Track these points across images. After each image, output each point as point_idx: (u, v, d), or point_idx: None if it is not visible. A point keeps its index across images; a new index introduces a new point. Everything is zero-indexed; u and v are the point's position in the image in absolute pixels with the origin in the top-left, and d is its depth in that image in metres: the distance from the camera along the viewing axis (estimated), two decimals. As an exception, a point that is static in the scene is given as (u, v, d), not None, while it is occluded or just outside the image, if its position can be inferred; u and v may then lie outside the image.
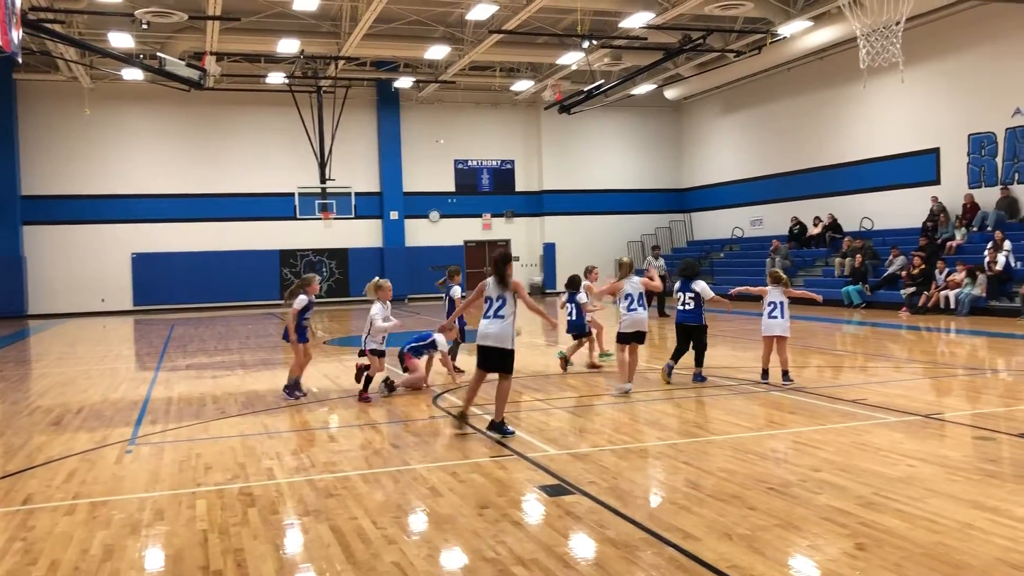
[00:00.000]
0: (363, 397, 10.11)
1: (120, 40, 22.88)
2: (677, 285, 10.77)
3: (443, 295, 12.27)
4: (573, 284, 12.35)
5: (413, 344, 10.90)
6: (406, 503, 5.97)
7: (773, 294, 10.55)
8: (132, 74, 26.43)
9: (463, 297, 11.44)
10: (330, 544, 5.13)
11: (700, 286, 10.58)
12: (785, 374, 10.39)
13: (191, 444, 8.14)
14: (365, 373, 10.24)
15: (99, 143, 30.47)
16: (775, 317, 10.44)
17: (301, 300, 10.32)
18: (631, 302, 10.16)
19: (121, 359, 16.23)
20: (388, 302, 10.42)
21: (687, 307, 10.63)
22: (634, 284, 10.31)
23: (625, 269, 10.52)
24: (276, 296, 32.17)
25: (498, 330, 7.80)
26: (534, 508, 5.81)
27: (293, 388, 10.52)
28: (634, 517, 5.44)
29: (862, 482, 6.04)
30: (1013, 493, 5.67)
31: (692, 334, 10.71)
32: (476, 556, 4.85)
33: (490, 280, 8.01)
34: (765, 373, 10.59)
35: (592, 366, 12.30)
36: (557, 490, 6.12)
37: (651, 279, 11.19)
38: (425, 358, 11.07)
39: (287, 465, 7.14)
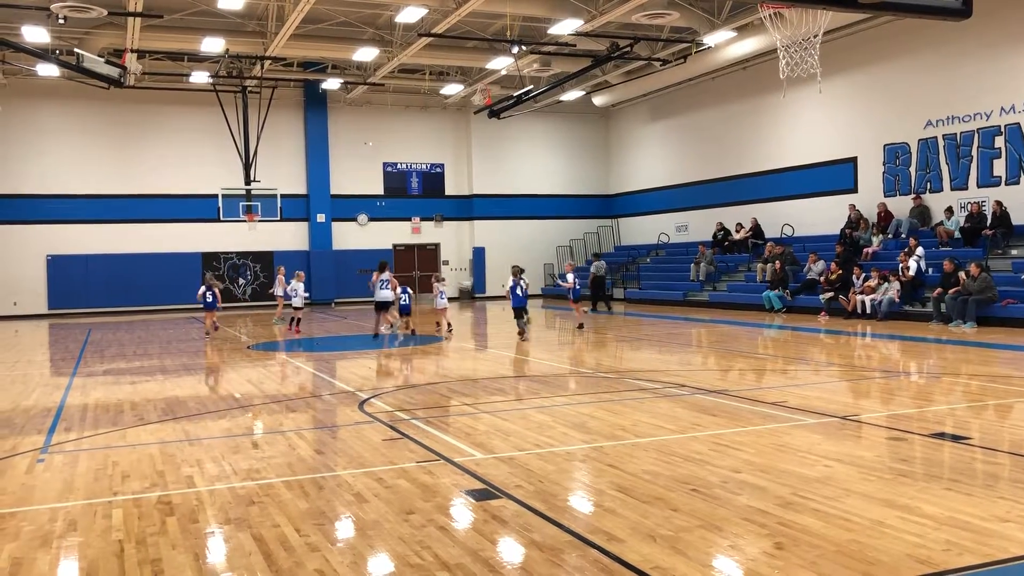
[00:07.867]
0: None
1: (34, 35, 22.08)
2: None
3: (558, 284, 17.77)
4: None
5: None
6: (330, 510, 5.90)
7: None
8: (47, 70, 25.62)
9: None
10: (251, 552, 5.03)
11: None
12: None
13: (107, 452, 7.90)
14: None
15: (12, 141, 29.36)
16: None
17: None
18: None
19: (34, 364, 15.68)
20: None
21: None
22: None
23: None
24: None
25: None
26: (460, 513, 5.80)
27: None
28: (559, 520, 5.47)
29: (781, 483, 6.19)
30: (922, 491, 5.88)
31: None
32: (401, 562, 4.82)
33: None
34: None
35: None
36: (483, 494, 6.12)
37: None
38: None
39: (208, 473, 6.99)
